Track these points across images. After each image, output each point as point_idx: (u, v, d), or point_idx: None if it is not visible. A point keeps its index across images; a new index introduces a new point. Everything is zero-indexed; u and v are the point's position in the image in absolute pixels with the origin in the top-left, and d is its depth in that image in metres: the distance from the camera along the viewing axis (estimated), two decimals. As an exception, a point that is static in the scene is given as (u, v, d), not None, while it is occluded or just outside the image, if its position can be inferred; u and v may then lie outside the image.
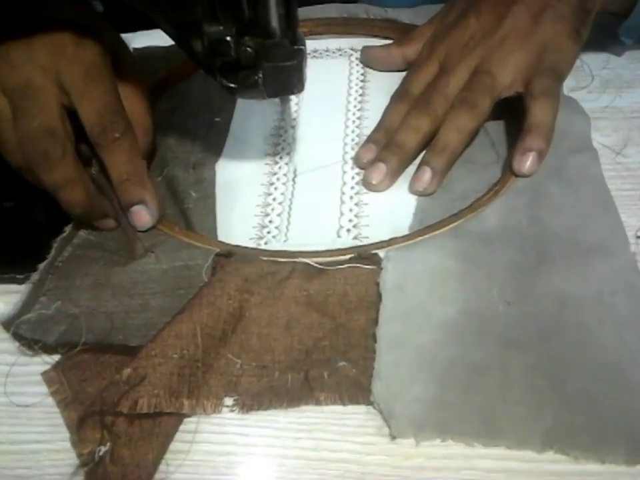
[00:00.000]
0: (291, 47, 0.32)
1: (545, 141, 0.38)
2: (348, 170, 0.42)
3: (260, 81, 0.32)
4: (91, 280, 0.34)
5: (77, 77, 0.35)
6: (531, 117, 0.38)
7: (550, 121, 0.38)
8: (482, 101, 0.39)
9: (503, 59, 0.40)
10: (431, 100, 0.40)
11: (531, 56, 0.40)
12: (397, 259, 0.33)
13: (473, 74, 0.40)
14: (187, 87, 0.50)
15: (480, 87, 0.39)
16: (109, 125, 0.35)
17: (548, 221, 0.36)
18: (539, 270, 0.33)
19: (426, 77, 0.43)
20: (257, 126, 0.46)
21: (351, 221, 0.38)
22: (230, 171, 0.42)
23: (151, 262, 0.34)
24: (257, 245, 0.37)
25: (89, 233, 0.37)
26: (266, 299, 0.32)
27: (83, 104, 0.35)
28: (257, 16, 0.30)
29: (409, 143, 0.40)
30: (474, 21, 0.42)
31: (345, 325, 0.32)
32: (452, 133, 0.39)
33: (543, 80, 0.39)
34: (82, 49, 0.35)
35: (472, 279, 0.33)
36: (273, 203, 0.40)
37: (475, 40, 0.41)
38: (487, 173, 0.40)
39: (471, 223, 0.35)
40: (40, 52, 0.35)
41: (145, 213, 0.36)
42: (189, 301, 0.31)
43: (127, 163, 0.36)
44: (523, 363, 0.29)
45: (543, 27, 0.40)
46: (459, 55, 0.41)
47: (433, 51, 0.43)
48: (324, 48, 0.53)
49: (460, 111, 0.39)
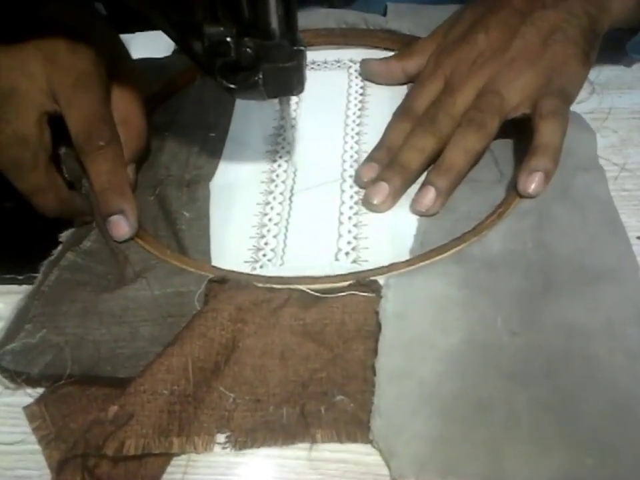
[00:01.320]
0: (290, 48, 0.32)
1: (553, 161, 0.37)
2: (346, 189, 0.40)
3: (260, 82, 0.32)
4: (78, 306, 0.33)
5: (66, 84, 0.35)
6: (538, 136, 0.37)
7: (558, 142, 0.37)
8: (490, 122, 0.38)
9: (512, 80, 0.39)
10: (437, 119, 0.39)
11: (539, 78, 0.39)
12: (398, 287, 0.32)
13: (481, 94, 0.39)
14: (182, 101, 0.48)
15: (488, 107, 0.38)
16: (95, 133, 0.35)
17: (554, 244, 0.34)
18: (546, 297, 0.31)
19: (430, 93, 0.41)
20: (252, 142, 0.45)
21: (350, 244, 0.37)
22: (225, 189, 0.41)
23: (142, 288, 0.33)
24: (252, 268, 0.36)
25: (76, 255, 0.35)
26: (260, 328, 0.31)
27: (70, 111, 0.35)
28: (257, 17, 0.30)
29: (413, 164, 0.38)
30: (482, 37, 0.41)
31: (343, 356, 0.30)
32: (458, 153, 0.38)
33: (552, 100, 0.38)
34: (75, 56, 0.35)
35: (476, 307, 0.31)
36: (269, 223, 0.38)
37: (483, 58, 0.40)
38: (490, 193, 0.39)
39: (475, 247, 0.34)
40: (32, 58, 0.35)
41: (123, 223, 0.36)
42: (180, 332, 0.30)
43: (110, 172, 0.36)
44: (530, 398, 0.28)
45: (553, 49, 0.39)
46: (467, 73, 0.40)
47: (438, 66, 0.42)
48: (322, 59, 0.52)
49: (468, 130, 0.38)
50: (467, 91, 0.39)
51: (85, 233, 0.37)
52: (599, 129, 0.42)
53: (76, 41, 0.36)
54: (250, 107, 0.48)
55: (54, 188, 0.36)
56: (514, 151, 0.41)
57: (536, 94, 0.38)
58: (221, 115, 0.47)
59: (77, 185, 0.39)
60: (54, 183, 0.36)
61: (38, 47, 0.35)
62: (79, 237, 0.37)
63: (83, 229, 0.38)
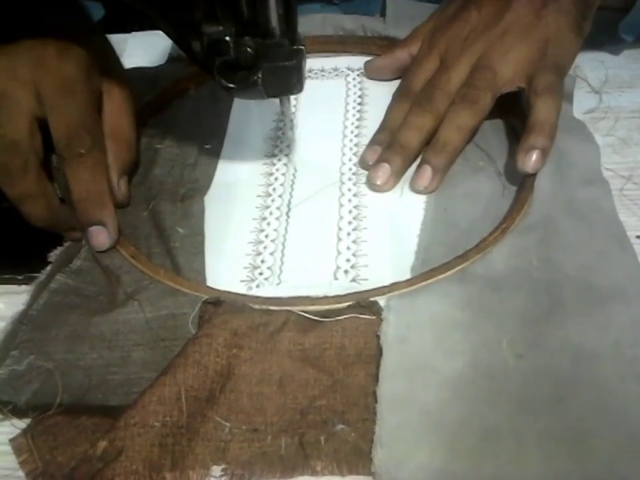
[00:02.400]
0: (290, 47, 0.32)
1: (549, 138, 0.37)
2: (345, 203, 0.39)
3: (259, 81, 0.32)
4: (68, 331, 0.32)
5: (52, 88, 0.34)
6: (534, 114, 0.37)
7: (553, 118, 0.37)
8: (483, 97, 0.38)
9: (505, 53, 0.39)
10: (432, 97, 0.39)
11: (532, 50, 0.39)
12: (399, 309, 0.31)
13: (474, 69, 0.39)
14: (176, 112, 0.47)
15: (481, 82, 0.38)
16: (75, 140, 0.35)
17: (560, 261, 0.33)
18: (552, 319, 0.30)
19: (427, 72, 0.42)
20: (248, 155, 0.44)
21: (349, 261, 0.36)
22: (221, 203, 0.40)
23: (134, 311, 0.32)
24: (248, 288, 0.34)
25: (66, 276, 0.34)
26: (257, 353, 0.29)
27: (53, 115, 0.34)
28: (256, 16, 0.30)
29: (412, 142, 0.39)
30: (475, 13, 0.41)
31: (343, 382, 0.29)
32: (452, 130, 0.38)
33: (546, 76, 0.38)
34: (64, 62, 0.35)
35: (480, 329, 0.30)
36: (266, 240, 0.37)
37: (475, 33, 0.40)
38: (493, 206, 0.38)
39: (478, 265, 0.33)
40: (21, 63, 0.34)
41: (102, 234, 0.36)
42: (172, 360, 0.28)
43: (89, 181, 0.35)
44: (539, 427, 0.27)
45: (545, 20, 0.39)
46: (460, 49, 0.40)
47: (433, 45, 0.42)
48: (319, 67, 0.51)
49: (460, 107, 0.38)
50: (461, 67, 0.40)
51: (75, 251, 0.36)
52: (599, 128, 0.42)
53: (66, 46, 0.35)
54: (246, 116, 0.47)
55: (44, 196, 0.35)
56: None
57: (530, 67, 0.38)
58: (216, 126, 0.46)
59: (67, 201, 0.38)
60: (44, 190, 0.35)
61: (27, 51, 0.35)
62: (68, 255, 0.36)
63: (73, 246, 0.36)
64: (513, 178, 0.39)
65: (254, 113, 0.47)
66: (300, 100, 0.47)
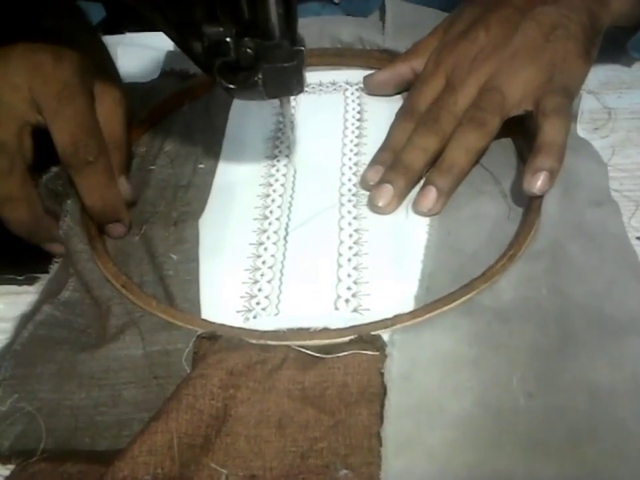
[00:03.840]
0: (290, 48, 0.32)
1: (557, 160, 0.36)
2: (345, 226, 0.38)
3: (259, 82, 0.32)
4: (54, 368, 0.30)
5: (50, 95, 0.34)
6: (542, 135, 0.36)
7: (562, 140, 0.36)
8: (491, 120, 0.37)
9: (513, 76, 0.38)
10: (439, 118, 0.39)
11: (541, 74, 0.38)
12: (403, 344, 0.29)
13: (482, 91, 0.38)
14: (169, 129, 0.46)
15: (489, 104, 0.38)
16: (82, 147, 0.34)
17: (570, 289, 0.32)
18: (564, 353, 0.29)
19: (432, 91, 0.41)
20: (244, 173, 0.42)
21: (350, 289, 0.34)
22: (215, 227, 0.38)
23: (125, 346, 0.30)
24: (245, 319, 0.33)
25: (54, 308, 0.33)
26: (255, 393, 0.28)
27: (55, 124, 0.34)
28: (256, 17, 0.30)
29: (416, 164, 0.38)
30: (483, 34, 0.40)
31: (345, 422, 0.28)
32: (459, 152, 0.37)
33: (554, 98, 0.37)
34: (59, 67, 0.35)
35: (489, 366, 0.29)
36: (263, 267, 0.36)
37: (483, 54, 0.39)
38: (498, 230, 0.36)
39: (485, 295, 0.31)
40: (15, 69, 0.34)
41: (120, 227, 0.37)
42: (165, 404, 0.27)
43: (101, 186, 0.35)
44: (553, 472, 0.25)
45: (554, 45, 0.39)
46: (467, 70, 0.39)
47: (439, 63, 0.41)
48: (317, 81, 0.50)
49: (468, 129, 0.37)
50: (468, 88, 0.39)
51: (64, 280, 0.35)
52: (599, 130, 0.42)
53: (60, 51, 0.35)
54: (241, 132, 0.45)
55: (26, 200, 0.34)
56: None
57: (538, 90, 0.38)
58: (211, 144, 0.44)
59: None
60: (27, 195, 0.35)
61: (21, 57, 0.34)
62: (56, 285, 0.34)
63: (61, 275, 0.35)
64: (518, 199, 0.37)
65: (250, 130, 0.45)
66: (297, 116, 0.46)
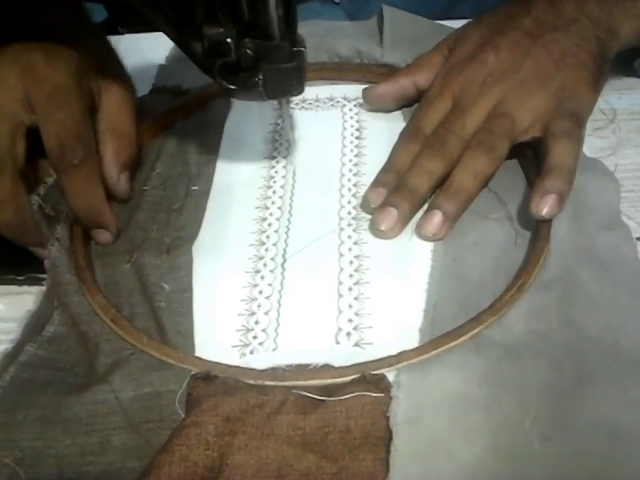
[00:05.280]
0: (290, 49, 0.32)
1: (567, 183, 0.35)
2: (345, 252, 0.36)
3: (260, 83, 0.32)
4: (37, 413, 0.28)
5: (42, 97, 0.34)
6: (551, 157, 0.35)
7: (572, 163, 0.35)
8: (500, 145, 0.37)
9: (523, 102, 0.38)
10: (446, 141, 0.38)
11: (550, 100, 0.38)
12: (410, 386, 0.28)
13: (491, 115, 0.38)
14: (161, 148, 0.44)
15: (499, 129, 0.37)
16: (68, 150, 0.34)
17: (583, 322, 0.30)
18: (580, 392, 0.27)
19: (439, 113, 0.40)
20: (240, 196, 0.40)
21: (351, 321, 0.32)
22: (209, 252, 0.37)
23: (114, 389, 0.28)
24: (241, 354, 0.31)
25: (38, 346, 0.31)
26: (252, 439, 0.26)
27: (44, 125, 0.34)
28: (257, 18, 0.30)
29: (422, 188, 0.37)
30: (492, 57, 0.39)
31: (349, 468, 0.26)
32: (468, 176, 0.36)
33: (564, 122, 0.37)
34: (52, 69, 0.34)
35: (500, 407, 0.27)
36: (260, 297, 0.34)
37: (493, 78, 0.39)
38: (505, 256, 0.35)
39: (494, 330, 0.30)
40: (8, 69, 0.34)
41: (105, 235, 0.37)
42: (155, 457, 0.25)
43: (85, 190, 0.36)
44: (571, 526, 0.24)
45: (564, 72, 0.38)
46: (476, 92, 0.39)
47: (447, 84, 0.40)
48: (313, 97, 0.48)
49: (477, 153, 0.37)
50: (477, 112, 0.38)
51: (48, 313, 0.33)
52: (598, 130, 0.42)
53: (55, 52, 0.35)
54: (236, 150, 0.44)
55: (15, 203, 0.34)
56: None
57: (547, 116, 0.37)
58: (204, 163, 0.43)
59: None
60: (17, 197, 0.34)
61: (15, 58, 0.34)
62: (41, 318, 0.32)
63: (45, 307, 0.33)
64: (525, 223, 0.36)
65: (244, 149, 0.44)
66: (295, 133, 0.44)
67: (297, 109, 0.47)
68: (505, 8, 0.43)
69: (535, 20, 0.40)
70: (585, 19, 0.39)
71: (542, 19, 0.40)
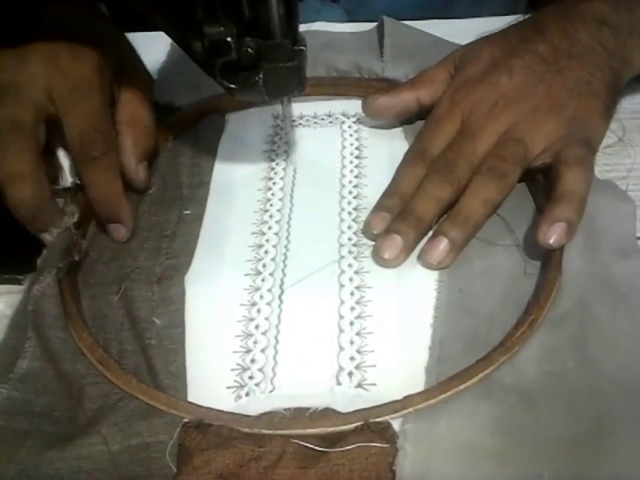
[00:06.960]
0: (291, 48, 0.32)
1: (578, 211, 0.33)
2: (345, 282, 0.34)
3: (260, 82, 0.32)
4: (15, 470, 0.26)
5: (65, 90, 0.35)
6: (562, 184, 0.34)
7: (584, 191, 0.34)
8: (512, 172, 0.35)
9: (535, 128, 0.36)
10: (455, 167, 0.36)
11: (562, 128, 0.36)
12: (417, 436, 0.26)
13: (503, 140, 0.36)
14: (152, 169, 0.42)
15: (511, 156, 0.36)
16: (89, 143, 0.35)
17: (601, 361, 0.28)
18: (599, 442, 0.26)
19: (446, 135, 0.38)
20: (235, 221, 0.38)
21: (353, 359, 0.31)
22: (203, 284, 0.35)
23: (98, 442, 0.26)
24: (236, 397, 0.29)
25: (10, 387, 0.28)
26: (248, 497, 0.24)
27: (66, 118, 0.35)
28: (257, 17, 0.30)
29: (429, 215, 0.35)
30: (505, 79, 0.38)
31: (352, 527, 0.24)
32: (477, 203, 0.35)
33: (577, 148, 0.35)
34: (76, 62, 0.36)
35: (514, 460, 0.25)
36: (256, 332, 0.32)
37: (505, 101, 0.37)
38: (514, 287, 0.33)
39: (506, 371, 0.28)
40: (34, 62, 0.35)
41: (121, 230, 0.37)
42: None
43: (104, 183, 0.36)
44: None
45: (577, 101, 0.37)
46: (487, 115, 0.37)
47: (455, 104, 0.39)
48: (311, 113, 0.46)
49: (488, 180, 0.35)
50: (488, 136, 0.37)
51: (19, 345, 0.30)
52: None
53: (77, 46, 0.36)
54: (230, 172, 0.42)
55: (36, 181, 0.34)
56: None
57: (558, 143, 0.36)
58: (197, 186, 0.41)
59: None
60: (37, 176, 0.34)
61: (39, 51, 0.36)
62: (12, 351, 0.30)
63: (14, 336, 0.31)
64: (535, 251, 0.34)
65: (239, 171, 0.42)
66: (293, 152, 0.42)
67: (294, 126, 0.45)
68: (516, 30, 0.41)
69: (549, 46, 0.38)
70: (599, 48, 0.38)
71: (557, 45, 0.38)
